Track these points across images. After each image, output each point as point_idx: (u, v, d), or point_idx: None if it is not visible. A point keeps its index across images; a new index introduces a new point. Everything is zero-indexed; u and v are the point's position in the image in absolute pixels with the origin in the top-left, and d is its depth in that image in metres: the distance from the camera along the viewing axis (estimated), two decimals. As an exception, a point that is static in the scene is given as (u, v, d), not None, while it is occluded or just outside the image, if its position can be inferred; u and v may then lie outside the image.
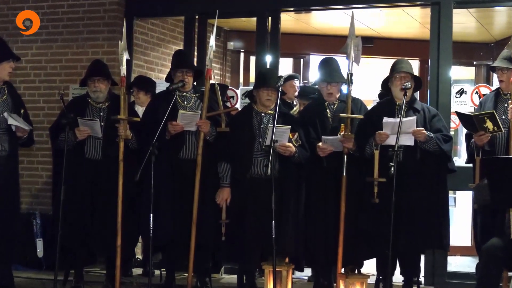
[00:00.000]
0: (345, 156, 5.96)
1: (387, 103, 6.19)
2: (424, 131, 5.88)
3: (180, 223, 6.17)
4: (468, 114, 6.07)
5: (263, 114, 6.15)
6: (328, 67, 6.25)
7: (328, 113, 6.21)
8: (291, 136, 5.99)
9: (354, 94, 6.22)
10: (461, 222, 9.17)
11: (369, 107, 6.58)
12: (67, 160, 6.12)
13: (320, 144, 6.02)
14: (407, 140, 5.88)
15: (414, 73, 6.15)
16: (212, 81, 6.48)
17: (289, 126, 5.96)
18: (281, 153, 5.96)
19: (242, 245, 6.03)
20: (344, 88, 6.24)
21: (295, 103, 7.67)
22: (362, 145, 5.99)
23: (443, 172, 6.09)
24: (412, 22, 9.37)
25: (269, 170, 5.60)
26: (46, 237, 7.61)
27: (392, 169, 5.56)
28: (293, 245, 6.06)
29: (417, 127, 5.89)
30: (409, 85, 5.87)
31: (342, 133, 6.00)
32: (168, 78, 6.48)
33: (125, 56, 6.34)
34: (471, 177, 6.05)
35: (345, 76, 6.08)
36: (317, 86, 6.63)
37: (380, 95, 7.38)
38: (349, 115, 5.99)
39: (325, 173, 6.10)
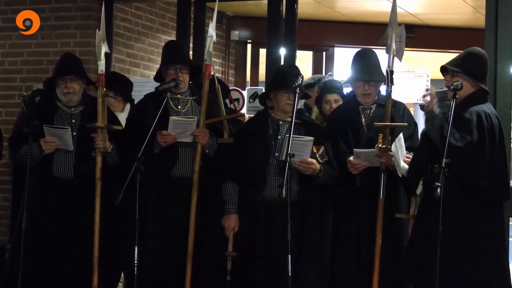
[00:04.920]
0: (383, 175, 5.98)
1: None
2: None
3: (172, 258, 6.19)
4: None
5: (281, 122, 6.16)
6: (366, 61, 6.23)
7: (363, 119, 6.23)
8: (315, 151, 6.01)
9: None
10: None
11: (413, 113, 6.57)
12: (30, 179, 6.15)
13: (351, 158, 6.04)
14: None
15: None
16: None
17: (312, 138, 5.96)
18: (301, 171, 5.98)
19: (251, 285, 6.05)
20: (383, 89, 6.23)
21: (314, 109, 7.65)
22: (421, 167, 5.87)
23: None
24: (463, 6, 9.40)
25: (284, 191, 5.61)
26: (3, 275, 7.63)
27: (438, 190, 5.55)
28: (314, 285, 6.07)
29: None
30: (460, 85, 5.79)
31: (379, 145, 6.00)
32: (158, 77, 6.50)
33: (104, 48, 6.38)
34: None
35: (384, 74, 6.07)
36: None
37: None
38: (388, 123, 5.97)
39: (358, 195, 6.11)
